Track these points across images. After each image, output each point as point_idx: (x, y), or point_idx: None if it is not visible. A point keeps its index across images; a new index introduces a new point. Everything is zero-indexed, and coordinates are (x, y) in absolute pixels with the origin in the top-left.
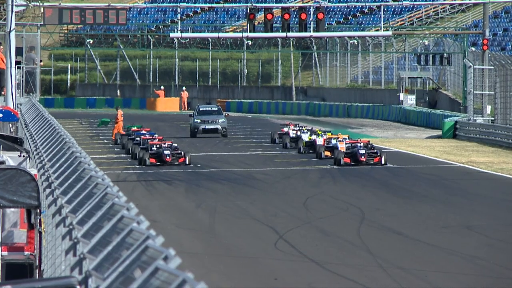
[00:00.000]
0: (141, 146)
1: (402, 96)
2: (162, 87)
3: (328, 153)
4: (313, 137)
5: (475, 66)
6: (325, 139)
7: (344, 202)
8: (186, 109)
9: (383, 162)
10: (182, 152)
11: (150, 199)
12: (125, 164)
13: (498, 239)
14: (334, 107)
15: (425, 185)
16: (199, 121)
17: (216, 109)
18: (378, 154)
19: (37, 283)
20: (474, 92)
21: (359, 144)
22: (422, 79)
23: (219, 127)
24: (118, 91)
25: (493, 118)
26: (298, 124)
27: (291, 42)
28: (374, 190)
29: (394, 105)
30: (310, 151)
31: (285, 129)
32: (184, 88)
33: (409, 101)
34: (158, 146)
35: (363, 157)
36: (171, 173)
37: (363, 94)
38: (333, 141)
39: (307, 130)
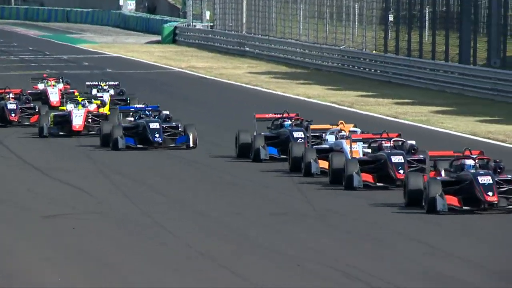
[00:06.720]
0: None
1: (122, 1)
2: None
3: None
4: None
5: None
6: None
7: None
8: None
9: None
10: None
11: None
12: None
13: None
14: (53, 12)
15: (145, 89)
16: None
17: None
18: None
19: None
20: None
21: None
22: None
23: None
24: None
25: (212, 24)
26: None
27: None
28: None
29: (113, 10)
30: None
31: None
32: None
33: (128, 6)
34: None
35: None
36: None
37: None
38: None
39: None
